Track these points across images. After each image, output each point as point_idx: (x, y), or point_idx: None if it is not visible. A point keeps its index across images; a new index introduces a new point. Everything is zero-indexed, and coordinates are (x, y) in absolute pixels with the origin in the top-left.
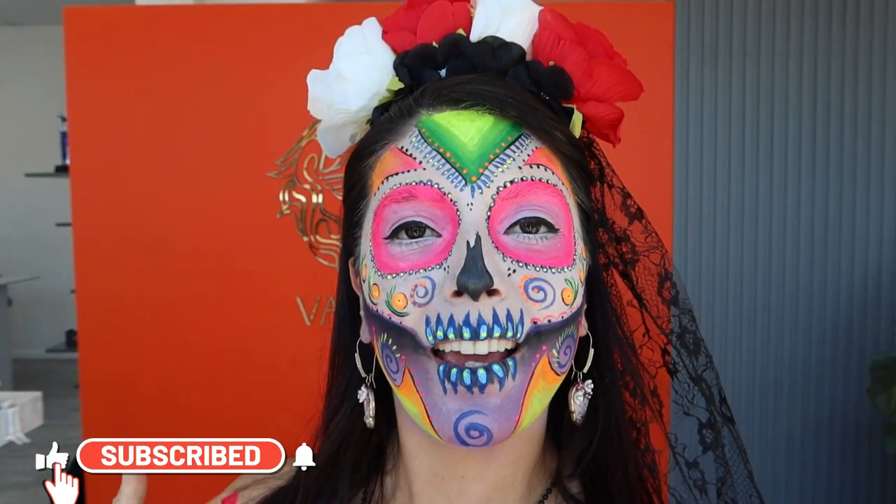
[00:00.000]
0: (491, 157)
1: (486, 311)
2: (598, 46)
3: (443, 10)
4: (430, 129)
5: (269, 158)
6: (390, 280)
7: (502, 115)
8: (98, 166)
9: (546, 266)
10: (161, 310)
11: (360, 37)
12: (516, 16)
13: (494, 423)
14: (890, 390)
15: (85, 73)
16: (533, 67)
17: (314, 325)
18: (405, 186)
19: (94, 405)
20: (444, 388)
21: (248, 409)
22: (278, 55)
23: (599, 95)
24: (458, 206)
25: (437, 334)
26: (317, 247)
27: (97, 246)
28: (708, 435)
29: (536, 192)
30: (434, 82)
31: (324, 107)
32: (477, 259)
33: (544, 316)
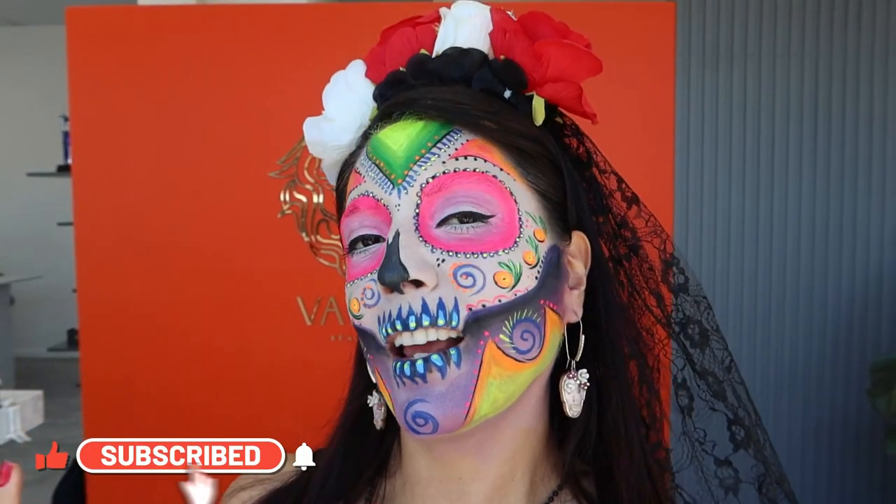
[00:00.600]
0: (416, 158)
1: (415, 302)
2: (548, 29)
3: (405, 36)
4: (372, 145)
5: (270, 158)
6: (350, 287)
7: (428, 118)
8: (100, 166)
9: (476, 252)
10: (162, 309)
11: (343, 79)
12: (468, 23)
13: (438, 410)
14: (890, 392)
15: (87, 73)
16: (493, 66)
17: (315, 325)
18: (352, 201)
19: (95, 404)
20: (396, 381)
21: (249, 408)
22: (280, 55)
23: (556, 76)
24: (389, 209)
25: (386, 330)
26: (317, 247)
27: (99, 245)
28: (738, 432)
29: (461, 181)
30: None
31: (320, 148)
32: (392, 253)
33: (477, 301)
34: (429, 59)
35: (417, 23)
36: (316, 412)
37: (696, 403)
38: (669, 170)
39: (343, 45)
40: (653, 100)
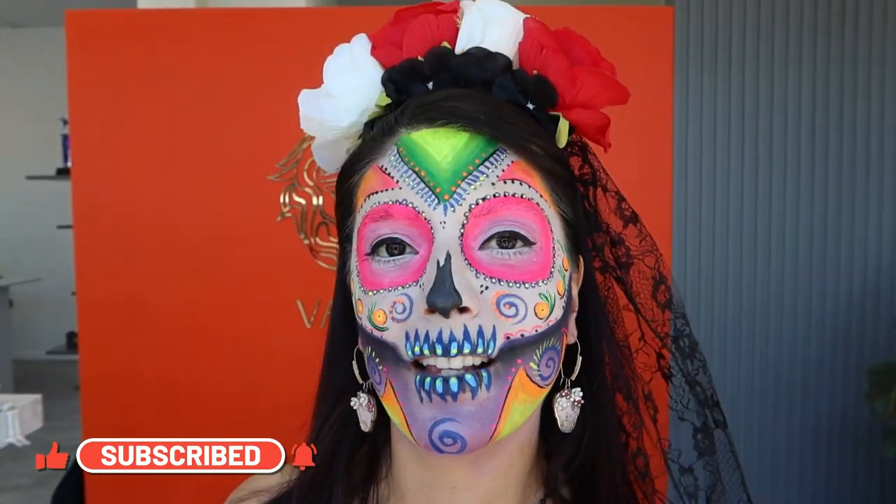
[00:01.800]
0: (464, 174)
1: (457, 328)
2: (583, 53)
3: (427, 24)
4: (407, 147)
5: (269, 162)
6: (371, 296)
7: (477, 132)
8: (99, 169)
9: (519, 281)
10: (161, 312)
11: (349, 54)
12: (499, 25)
13: (468, 430)
14: (888, 395)
15: (86, 76)
16: (518, 76)
17: (314, 327)
18: (382, 206)
19: (94, 407)
20: (420, 397)
21: (249, 411)
22: (280, 59)
23: (585, 102)
24: (431, 224)
25: (416, 349)
26: (317, 250)
27: (98, 248)
28: (702, 440)
29: (510, 207)
30: (414, 99)
31: (315, 125)
32: (445, 278)
33: (517, 331)
34: (451, 54)
35: (439, 10)
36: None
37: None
38: (668, 174)
39: None
40: (651, 104)
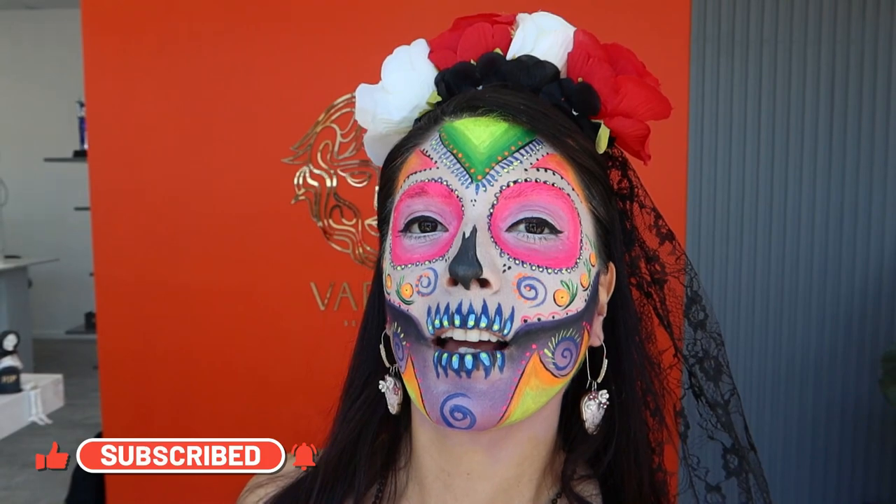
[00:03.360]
0: (499, 158)
1: (476, 301)
2: (628, 65)
3: (482, 31)
4: (448, 133)
5: (284, 144)
6: (400, 271)
7: (515, 122)
8: (116, 151)
9: (542, 266)
10: (177, 293)
11: (406, 55)
12: (551, 36)
13: (478, 407)
14: None
15: (103, 59)
16: (564, 84)
17: (328, 309)
18: (419, 183)
19: (112, 385)
20: (437, 371)
21: (263, 390)
22: (296, 41)
23: (627, 111)
24: (462, 201)
25: (436, 322)
26: (330, 232)
27: (115, 230)
28: (732, 460)
29: (540, 193)
30: (461, 93)
31: (369, 117)
32: (469, 248)
33: (534, 314)
34: (502, 60)
35: (495, 21)
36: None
37: (691, 431)
38: (683, 157)
39: (358, 33)
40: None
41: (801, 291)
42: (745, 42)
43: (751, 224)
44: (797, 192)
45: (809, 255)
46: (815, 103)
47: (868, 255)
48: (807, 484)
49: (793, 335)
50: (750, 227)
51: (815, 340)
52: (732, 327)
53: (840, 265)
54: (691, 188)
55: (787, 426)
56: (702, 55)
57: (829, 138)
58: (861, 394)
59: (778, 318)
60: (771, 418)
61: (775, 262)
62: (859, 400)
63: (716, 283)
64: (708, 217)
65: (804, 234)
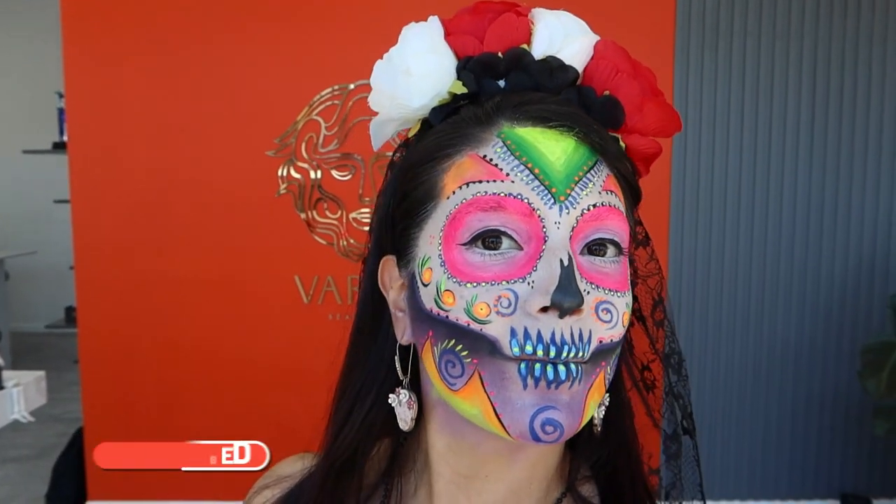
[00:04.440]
0: (576, 178)
1: (566, 330)
2: (646, 83)
3: (511, 23)
4: (515, 142)
5: (268, 137)
6: (470, 288)
7: (584, 140)
8: (96, 143)
9: (613, 289)
10: (160, 287)
11: (427, 35)
12: (577, 41)
13: (566, 419)
14: (880, 374)
15: (82, 49)
16: (584, 92)
17: (312, 303)
18: (493, 196)
19: (93, 381)
20: (525, 383)
21: (247, 385)
22: (280, 34)
23: (643, 129)
24: (545, 222)
25: (526, 348)
26: (314, 225)
27: (96, 223)
28: (671, 445)
29: (613, 217)
30: (511, 95)
31: (386, 100)
32: (572, 279)
33: (608, 336)
34: (530, 58)
35: (518, 12)
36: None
37: (637, 420)
38: (667, 149)
39: (342, 27)
40: None
41: (781, 283)
42: (729, 34)
43: (733, 216)
44: (779, 184)
45: (791, 247)
46: (797, 96)
47: (848, 248)
48: (786, 474)
49: (773, 327)
50: (732, 219)
51: (795, 332)
52: (714, 318)
53: (821, 258)
54: (675, 180)
55: (768, 416)
56: (686, 47)
57: (811, 131)
58: (840, 385)
59: (759, 310)
60: (751, 409)
61: (757, 254)
62: (838, 391)
63: (698, 274)
64: (691, 209)
65: (785, 226)
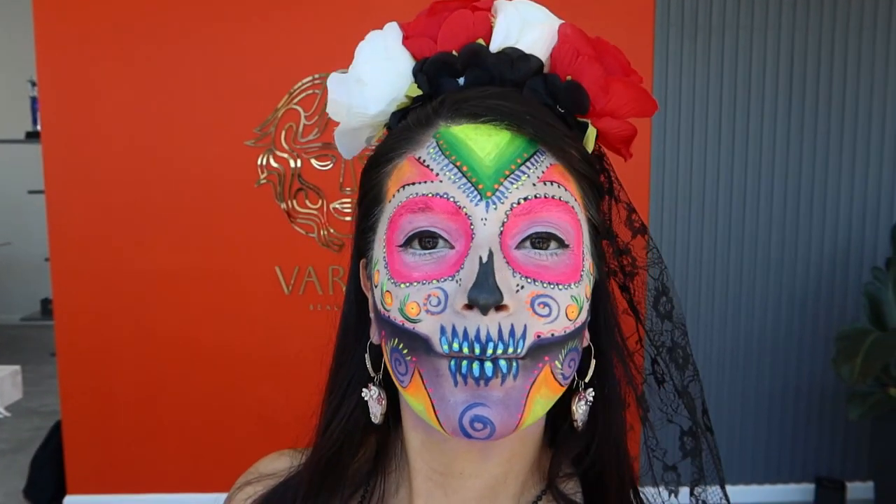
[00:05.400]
0: (507, 172)
1: (493, 326)
2: (614, 63)
3: (464, 19)
4: (447, 141)
5: (247, 126)
6: (404, 289)
7: (519, 132)
8: (71, 132)
9: (553, 282)
10: (138, 279)
11: (381, 42)
12: (536, 29)
13: (497, 417)
14: (853, 360)
15: (56, 36)
16: (550, 80)
17: (293, 294)
18: (421, 197)
19: (71, 374)
20: (455, 380)
21: (228, 377)
22: (258, 22)
23: (614, 111)
24: (472, 220)
25: (453, 345)
26: (294, 215)
27: (72, 213)
28: (688, 442)
29: (549, 209)
30: (452, 93)
31: (343, 110)
32: (489, 275)
33: (548, 330)
34: (486, 52)
35: (476, 7)
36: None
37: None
38: (646, 139)
39: (321, 15)
40: None
41: (758, 272)
42: (707, 27)
43: (711, 206)
44: (756, 174)
45: (767, 236)
46: (774, 88)
47: (823, 238)
48: (762, 459)
49: (750, 315)
50: (710, 210)
51: (771, 320)
52: (692, 307)
53: (797, 247)
54: (654, 170)
55: (744, 403)
56: (665, 40)
57: (788, 123)
58: (815, 372)
59: (736, 299)
60: (728, 395)
61: (734, 243)
62: (813, 378)
63: (677, 264)
64: (670, 200)
65: (762, 216)
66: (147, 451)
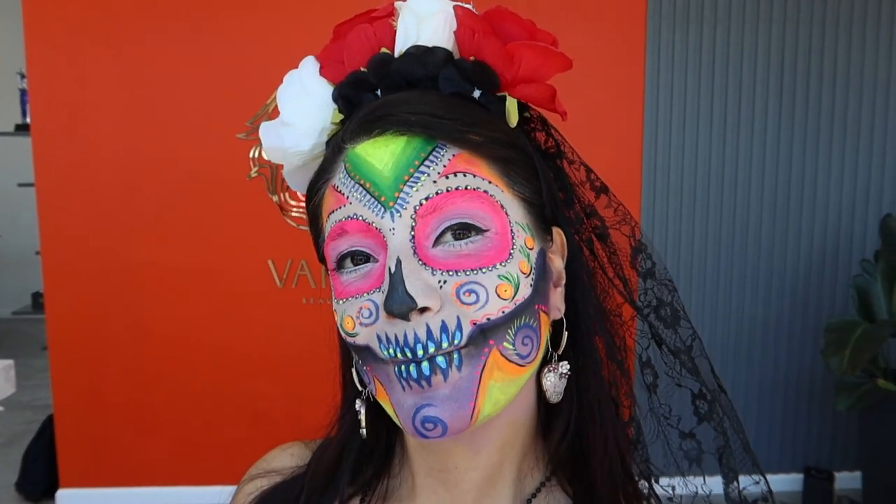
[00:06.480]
0: (405, 178)
1: (420, 329)
2: (515, 29)
3: (364, 33)
4: (352, 162)
5: (239, 119)
6: (342, 305)
7: (411, 134)
8: (60, 125)
9: (475, 268)
10: (130, 271)
11: (297, 80)
12: (432, 20)
13: (445, 413)
14: (842, 351)
15: (45, 28)
16: (460, 65)
17: (286, 287)
18: (338, 223)
19: (63, 368)
20: (402, 385)
21: (221, 371)
22: (247, 15)
23: (528, 77)
24: (383, 232)
25: (389, 352)
26: (287, 208)
27: (62, 206)
28: (702, 406)
29: (455, 201)
30: (356, 113)
31: (279, 153)
32: (397, 284)
33: (482, 315)
34: (391, 58)
35: (373, 17)
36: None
37: (660, 380)
38: (638, 131)
39: (313, 7)
40: (623, 62)
41: (749, 264)
42: (699, 20)
43: (703, 198)
44: (747, 167)
45: (758, 229)
46: (765, 81)
47: (813, 230)
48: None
49: (741, 307)
50: (702, 201)
51: (761, 312)
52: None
53: (787, 239)
54: (646, 162)
55: (734, 394)
56: (657, 32)
57: (779, 115)
58: (804, 363)
59: (727, 291)
60: None
61: (725, 235)
62: (802, 369)
63: (669, 255)
64: (661, 191)
65: (753, 207)
66: (139, 444)
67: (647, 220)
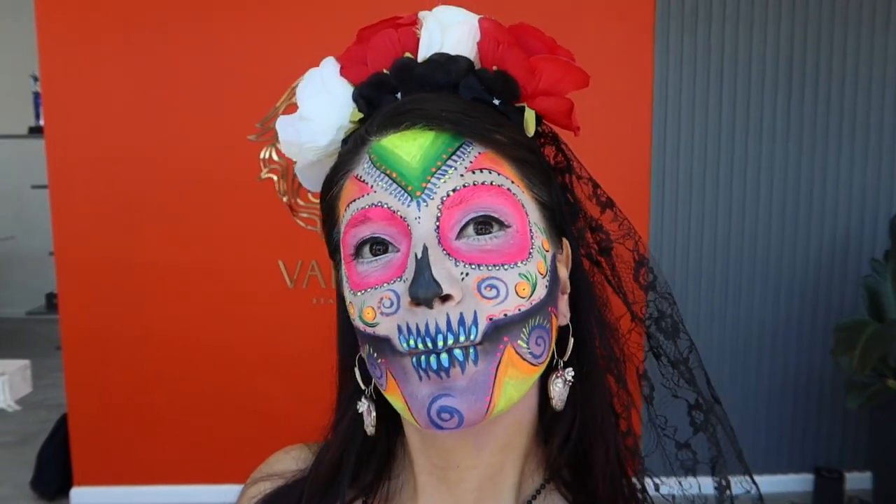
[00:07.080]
0: (433, 170)
1: (441, 318)
2: (538, 43)
3: (389, 38)
4: (378, 154)
5: (249, 121)
6: (360, 296)
7: (440, 129)
8: (73, 127)
9: (498, 264)
10: (142, 272)
11: (318, 78)
12: (456, 29)
13: (463, 405)
14: (852, 351)
15: (58, 31)
16: (481, 75)
17: (297, 287)
18: (360, 210)
19: (77, 367)
20: (419, 375)
21: (230, 370)
22: (258, 17)
23: (547, 90)
24: (407, 221)
25: (410, 343)
26: (297, 209)
27: (75, 208)
28: (697, 416)
29: (480, 195)
30: (381, 109)
31: (295, 148)
32: (424, 269)
33: (499, 311)
34: (415, 63)
35: (398, 24)
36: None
37: (656, 392)
38: (647, 132)
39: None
40: (632, 63)
41: (758, 264)
42: (708, 19)
43: (712, 198)
44: (756, 166)
45: (767, 229)
46: (774, 81)
47: (822, 231)
48: (761, 449)
49: (750, 307)
50: (711, 202)
51: (771, 312)
52: (693, 300)
53: (796, 240)
54: (655, 163)
55: (745, 394)
56: (666, 32)
57: (788, 116)
58: (814, 363)
59: (737, 291)
60: (729, 386)
61: (735, 236)
62: (812, 369)
63: (677, 258)
64: (671, 192)
65: (762, 208)
66: (153, 443)
67: (656, 220)
